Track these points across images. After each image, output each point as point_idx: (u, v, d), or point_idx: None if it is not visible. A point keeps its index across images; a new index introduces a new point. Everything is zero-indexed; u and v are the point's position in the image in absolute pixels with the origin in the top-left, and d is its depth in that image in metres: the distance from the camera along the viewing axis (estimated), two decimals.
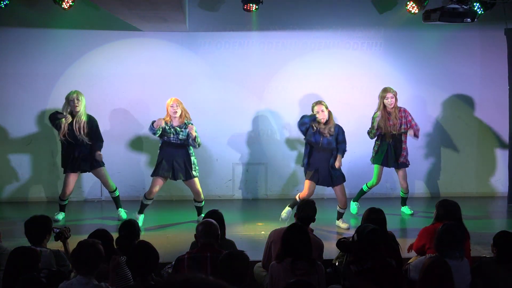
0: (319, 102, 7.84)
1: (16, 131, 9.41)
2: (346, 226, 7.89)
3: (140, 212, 7.99)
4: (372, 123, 8.31)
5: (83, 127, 7.85)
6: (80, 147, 7.91)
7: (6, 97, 9.37)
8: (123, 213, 8.23)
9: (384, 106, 8.31)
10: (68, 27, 9.26)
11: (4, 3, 8.27)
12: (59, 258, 5.11)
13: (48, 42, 9.33)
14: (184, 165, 7.81)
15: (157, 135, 7.76)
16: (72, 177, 8.03)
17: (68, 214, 8.49)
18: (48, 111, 9.38)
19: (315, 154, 7.83)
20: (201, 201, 8.05)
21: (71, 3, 8.25)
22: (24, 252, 4.64)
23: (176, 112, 7.72)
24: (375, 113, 8.35)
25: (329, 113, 7.80)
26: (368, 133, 8.36)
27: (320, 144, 7.75)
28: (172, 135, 7.73)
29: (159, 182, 7.85)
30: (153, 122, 7.71)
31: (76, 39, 9.31)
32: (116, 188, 8.24)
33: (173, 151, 7.79)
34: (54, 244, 5.45)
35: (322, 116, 7.73)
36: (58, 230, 5.35)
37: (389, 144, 8.37)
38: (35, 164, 9.46)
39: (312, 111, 7.79)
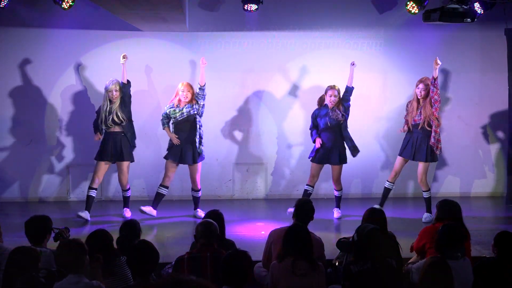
0: (333, 87, 8.20)
1: (16, 131, 9.41)
2: (338, 216, 8.30)
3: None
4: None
5: (119, 110, 8.12)
6: (116, 135, 8.12)
7: (5, 97, 9.36)
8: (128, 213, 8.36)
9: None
10: (68, 27, 9.26)
11: (4, 3, 8.27)
12: None
13: (48, 42, 9.33)
14: (191, 150, 8.15)
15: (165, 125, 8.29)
16: (103, 166, 8.18)
17: (68, 214, 8.49)
18: (48, 111, 9.41)
19: (323, 135, 8.18)
20: (198, 191, 8.42)
21: (71, 3, 8.24)
22: (24, 252, 4.64)
23: (187, 96, 8.12)
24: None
25: (339, 99, 8.17)
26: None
27: (329, 124, 8.12)
28: (178, 115, 8.13)
29: (172, 166, 8.26)
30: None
31: (76, 39, 9.30)
32: (129, 188, 8.39)
33: (182, 134, 8.16)
34: (54, 245, 5.44)
35: (332, 101, 8.13)
36: (57, 231, 5.36)
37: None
38: (35, 164, 9.45)
39: (326, 94, 8.19)
